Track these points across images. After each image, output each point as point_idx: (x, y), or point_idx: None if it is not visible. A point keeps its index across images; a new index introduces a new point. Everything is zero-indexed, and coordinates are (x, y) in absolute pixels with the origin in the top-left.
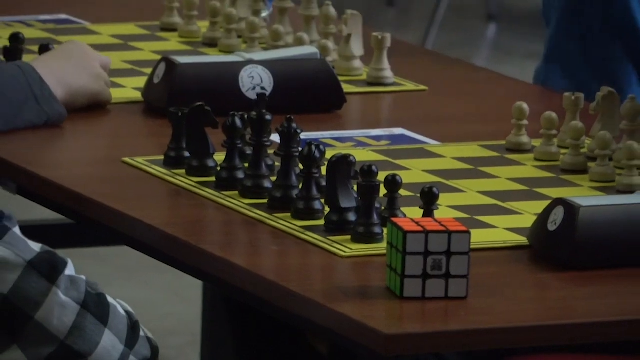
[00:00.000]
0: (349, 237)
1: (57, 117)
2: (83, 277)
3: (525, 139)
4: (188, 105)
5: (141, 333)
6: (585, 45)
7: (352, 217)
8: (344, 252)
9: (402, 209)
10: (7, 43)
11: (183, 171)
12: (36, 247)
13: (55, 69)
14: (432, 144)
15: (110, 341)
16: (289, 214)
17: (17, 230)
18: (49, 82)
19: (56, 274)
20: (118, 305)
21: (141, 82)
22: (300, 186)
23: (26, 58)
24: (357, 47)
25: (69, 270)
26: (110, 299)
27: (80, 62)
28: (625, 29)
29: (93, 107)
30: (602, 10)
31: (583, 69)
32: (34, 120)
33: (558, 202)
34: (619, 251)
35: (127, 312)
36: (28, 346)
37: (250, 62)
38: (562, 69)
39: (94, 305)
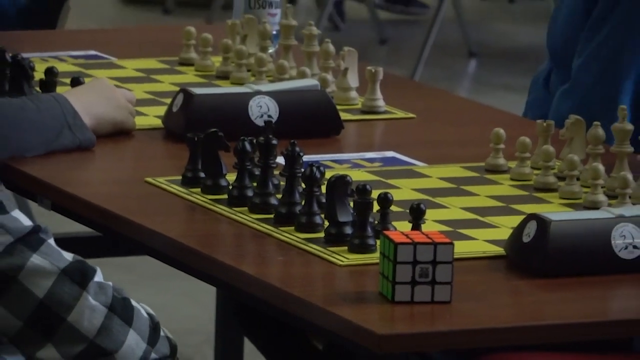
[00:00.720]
0: (346, 248)
1: (88, 143)
2: (110, 283)
3: (502, 161)
4: (203, 131)
5: (161, 333)
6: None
7: (348, 230)
8: (342, 261)
9: (393, 223)
10: (43, 76)
11: (199, 189)
12: (69, 256)
13: (85, 101)
14: (419, 165)
15: (134, 340)
16: (292, 228)
17: (52, 241)
18: (80, 112)
19: (86, 280)
20: (141, 308)
21: (161, 110)
22: (303, 203)
23: (60, 89)
24: (353, 80)
25: (98, 277)
26: (134, 303)
27: (106, 95)
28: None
29: (119, 133)
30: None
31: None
32: (67, 145)
33: (531, 217)
34: (585, 261)
35: (149, 314)
36: (61, 345)
37: (258, 93)
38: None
39: (120, 308)
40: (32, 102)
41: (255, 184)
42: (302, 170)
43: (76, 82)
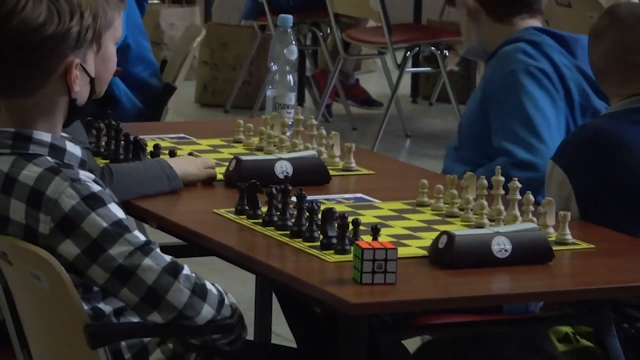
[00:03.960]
0: (333, 251)
1: (178, 188)
2: (193, 274)
3: (426, 199)
4: (247, 182)
5: (226, 302)
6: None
7: (334, 240)
8: (330, 259)
9: (361, 236)
10: (152, 149)
11: (244, 217)
12: (167, 258)
13: (176, 163)
14: (376, 202)
15: (206, 310)
16: (301, 239)
17: (157, 249)
18: (173, 168)
19: (177, 273)
20: (213, 287)
21: (222, 169)
22: (307, 224)
23: (162, 157)
24: (336, 151)
25: (185, 271)
26: (208, 285)
27: (188, 160)
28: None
29: (198, 182)
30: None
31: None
32: (165, 189)
33: (444, 232)
34: (475, 259)
35: (219, 291)
36: (162, 312)
37: (280, 159)
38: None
39: (198, 290)
40: (143, 164)
41: (278, 213)
42: (307, 205)
43: (172, 153)
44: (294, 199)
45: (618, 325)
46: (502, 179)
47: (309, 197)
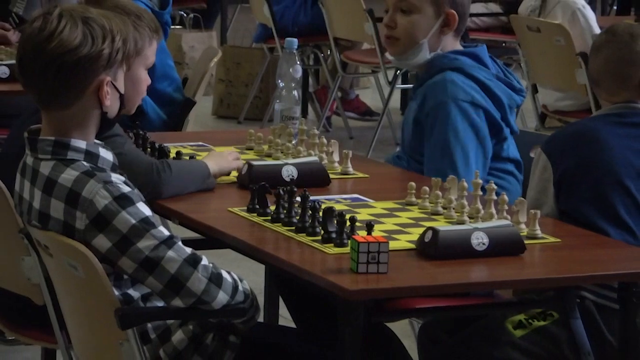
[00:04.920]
0: (332, 244)
1: (211, 186)
2: (210, 264)
3: (413, 199)
4: (258, 184)
5: (240, 288)
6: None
7: (334, 235)
8: (331, 251)
9: (357, 231)
10: (174, 155)
11: (255, 214)
12: (188, 250)
13: (213, 161)
14: (370, 201)
15: (222, 296)
16: (304, 234)
17: (180, 242)
18: (211, 166)
19: (196, 264)
20: (228, 276)
21: (236, 173)
22: (310, 221)
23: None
24: (336, 157)
25: (203, 262)
26: (224, 274)
27: (221, 157)
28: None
29: (219, 184)
30: None
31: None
32: (201, 187)
33: (429, 228)
34: (456, 251)
35: (233, 279)
36: (183, 297)
37: (286, 164)
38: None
39: (215, 279)
40: (187, 164)
41: (285, 212)
42: (309, 204)
43: (192, 157)
44: (298, 199)
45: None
46: (481, 181)
47: (311, 198)
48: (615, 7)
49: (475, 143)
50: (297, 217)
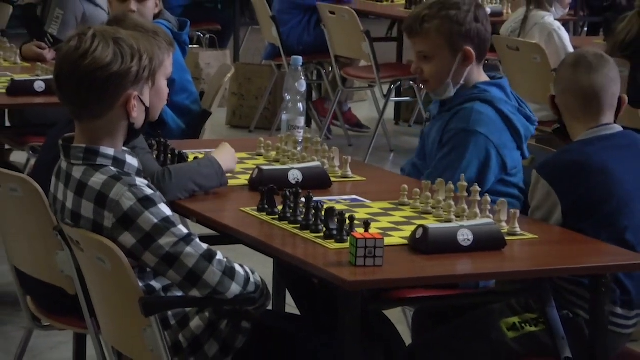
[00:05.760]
0: (333, 240)
1: (225, 184)
2: (224, 259)
3: (406, 200)
4: (267, 186)
5: (251, 280)
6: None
7: (334, 232)
8: (332, 247)
9: (356, 228)
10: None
11: (264, 213)
12: (204, 246)
13: (223, 159)
14: (367, 202)
15: (234, 287)
16: (308, 231)
17: (197, 239)
18: (224, 165)
19: (212, 259)
20: (241, 269)
21: (247, 176)
22: (313, 220)
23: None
24: (336, 162)
25: (218, 256)
26: (237, 267)
27: (229, 153)
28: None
29: (232, 187)
30: None
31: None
32: (216, 184)
33: (420, 226)
34: (444, 246)
35: (245, 271)
36: (200, 289)
37: (292, 168)
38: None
39: (228, 272)
40: (198, 163)
41: (291, 211)
42: (313, 204)
43: (195, 158)
44: (303, 199)
45: (559, 312)
46: (466, 184)
47: (314, 198)
48: (585, 29)
49: (475, 175)
50: (302, 216)
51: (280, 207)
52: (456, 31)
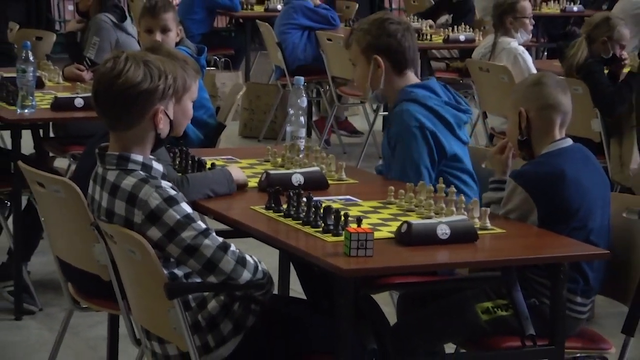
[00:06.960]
0: (330, 234)
1: (233, 190)
2: (237, 250)
3: (393, 199)
4: (274, 188)
5: (259, 268)
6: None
7: (331, 227)
8: (329, 240)
9: (350, 224)
10: (209, 166)
11: (271, 211)
12: (220, 239)
13: (235, 172)
14: (359, 201)
15: (245, 274)
16: (309, 226)
17: (214, 233)
18: (234, 175)
19: (226, 250)
20: (250, 259)
21: (257, 179)
22: (313, 217)
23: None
24: (333, 167)
25: (232, 248)
26: (247, 257)
27: (238, 171)
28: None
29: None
30: None
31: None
32: (226, 191)
33: (405, 222)
34: (425, 239)
35: (254, 261)
36: (216, 275)
37: (295, 173)
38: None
39: (240, 261)
40: (212, 173)
41: (294, 209)
42: (313, 203)
43: (213, 165)
44: (304, 199)
45: (527, 300)
46: (444, 186)
47: (314, 198)
48: (545, 53)
49: (430, 162)
50: (303, 214)
51: (285, 206)
52: (368, 42)
